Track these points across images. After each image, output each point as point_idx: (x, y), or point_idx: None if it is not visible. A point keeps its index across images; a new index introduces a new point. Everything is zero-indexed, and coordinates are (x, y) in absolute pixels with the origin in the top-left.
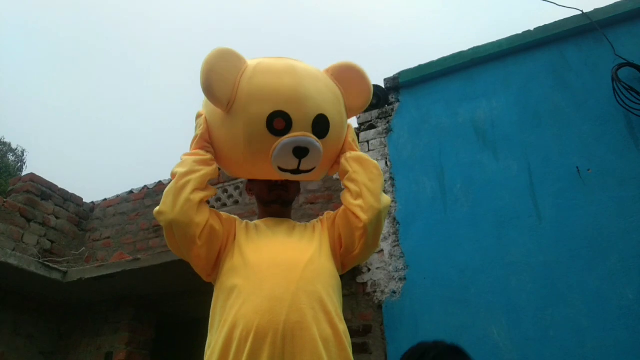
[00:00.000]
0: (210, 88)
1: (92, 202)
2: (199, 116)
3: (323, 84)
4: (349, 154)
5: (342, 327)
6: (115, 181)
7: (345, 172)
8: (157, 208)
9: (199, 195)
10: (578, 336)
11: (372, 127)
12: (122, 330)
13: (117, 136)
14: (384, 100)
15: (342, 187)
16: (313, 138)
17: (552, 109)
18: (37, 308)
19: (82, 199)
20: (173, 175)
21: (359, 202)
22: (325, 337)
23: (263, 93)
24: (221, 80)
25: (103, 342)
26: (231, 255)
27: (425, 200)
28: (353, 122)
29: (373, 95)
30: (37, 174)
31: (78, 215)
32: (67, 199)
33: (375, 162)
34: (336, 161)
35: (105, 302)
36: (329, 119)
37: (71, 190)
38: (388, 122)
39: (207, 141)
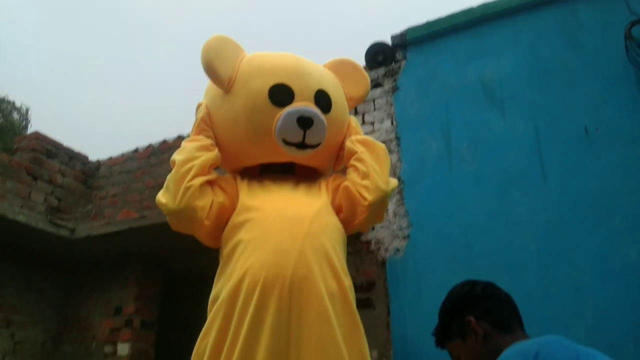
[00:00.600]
0: (211, 65)
1: (98, 160)
2: (199, 106)
3: (322, 68)
4: (354, 137)
5: (348, 282)
6: (120, 139)
7: (352, 153)
8: (160, 198)
9: (200, 180)
10: (579, 295)
11: (378, 85)
12: (130, 285)
13: (122, 93)
14: (390, 57)
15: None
16: (316, 109)
17: (562, 67)
18: (46, 264)
19: (87, 157)
20: (173, 163)
21: (366, 182)
22: (331, 292)
23: (264, 69)
24: (221, 59)
25: (112, 297)
26: (237, 212)
27: (430, 159)
28: None
29: (380, 52)
30: (41, 132)
31: (84, 173)
32: (72, 157)
33: (383, 144)
34: (340, 153)
35: (113, 258)
36: (330, 95)
37: (76, 148)
38: (394, 80)
39: (208, 124)
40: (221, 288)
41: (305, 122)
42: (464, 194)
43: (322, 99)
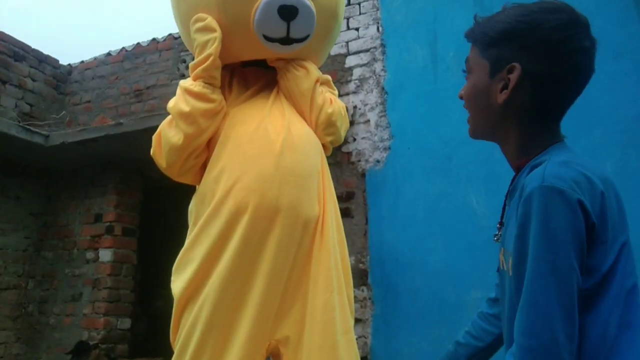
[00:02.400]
0: None
1: (69, 65)
2: (203, 29)
3: None
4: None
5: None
6: (89, 41)
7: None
8: (160, 160)
9: (203, 158)
10: None
11: None
12: (109, 193)
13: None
14: None
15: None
16: None
17: None
18: (22, 171)
19: (58, 61)
20: (173, 117)
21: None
22: (314, 216)
23: None
24: None
25: (91, 204)
26: (219, 142)
27: (415, 69)
28: None
29: None
30: (7, 33)
31: (55, 77)
32: (42, 60)
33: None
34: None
35: (91, 165)
36: None
37: (45, 51)
38: None
39: (218, 68)
40: (201, 203)
41: (288, 12)
42: (446, 106)
43: None
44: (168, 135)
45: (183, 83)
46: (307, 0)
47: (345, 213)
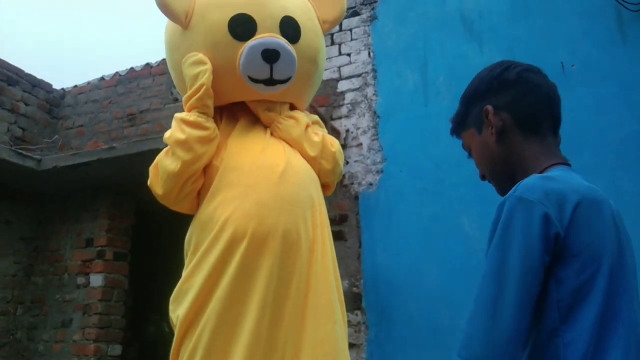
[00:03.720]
0: (164, 1)
1: (63, 89)
2: (195, 62)
3: None
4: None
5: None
6: (83, 67)
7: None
8: (157, 189)
9: (199, 183)
10: None
11: (355, 13)
12: (101, 217)
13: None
14: None
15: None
16: (282, 40)
17: (542, 0)
18: (13, 195)
19: (51, 85)
20: (170, 146)
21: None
22: (310, 243)
23: None
24: None
25: (83, 228)
26: (215, 156)
27: (406, 93)
28: None
29: None
30: (1, 58)
31: (48, 102)
32: (35, 84)
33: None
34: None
35: (83, 190)
36: (298, 21)
37: (39, 76)
38: (373, 9)
39: (210, 95)
40: (201, 232)
41: (270, 55)
42: (438, 129)
43: (289, 27)
44: (165, 164)
45: (178, 115)
46: (288, 46)
47: (338, 236)
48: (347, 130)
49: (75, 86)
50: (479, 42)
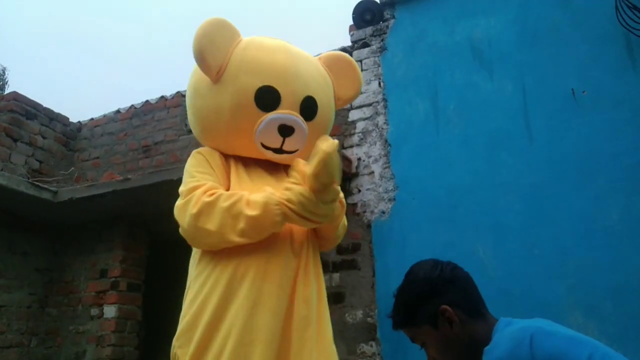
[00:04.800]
0: (201, 53)
1: (79, 122)
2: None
3: (314, 67)
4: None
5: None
6: (100, 100)
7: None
8: (188, 233)
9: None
10: (562, 255)
11: (365, 45)
12: (116, 248)
13: (103, 53)
14: (378, 16)
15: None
16: (300, 118)
17: (551, 27)
18: (30, 227)
19: (68, 119)
20: (242, 214)
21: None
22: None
23: (254, 66)
24: (213, 47)
25: (97, 259)
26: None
27: (417, 121)
28: (346, 40)
29: (368, 10)
30: (20, 92)
31: (65, 135)
32: (52, 118)
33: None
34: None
35: (98, 221)
36: (317, 101)
37: (56, 109)
38: (382, 40)
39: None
40: (205, 281)
41: (286, 130)
42: (450, 156)
43: (308, 107)
44: (223, 223)
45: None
46: (304, 124)
47: (351, 265)
48: (359, 159)
49: (92, 119)
50: (489, 70)
